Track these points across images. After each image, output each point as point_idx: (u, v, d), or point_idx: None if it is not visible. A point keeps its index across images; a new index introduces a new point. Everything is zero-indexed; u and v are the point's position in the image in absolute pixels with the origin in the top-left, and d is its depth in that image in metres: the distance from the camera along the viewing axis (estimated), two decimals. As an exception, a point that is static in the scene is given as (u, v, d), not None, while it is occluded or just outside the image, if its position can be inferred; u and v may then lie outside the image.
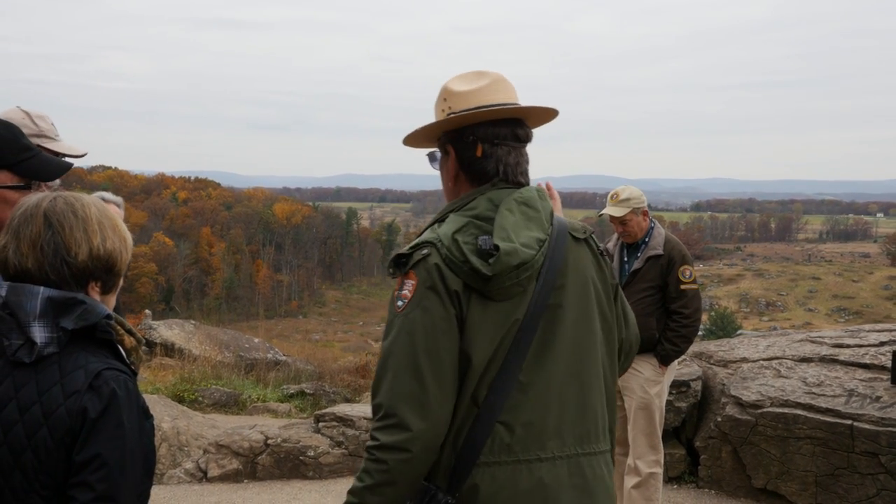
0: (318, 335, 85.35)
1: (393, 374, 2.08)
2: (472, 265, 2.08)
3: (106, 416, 1.83)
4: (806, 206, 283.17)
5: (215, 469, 7.70)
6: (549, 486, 2.13)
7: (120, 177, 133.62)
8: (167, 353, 14.90)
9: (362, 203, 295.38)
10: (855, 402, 6.33)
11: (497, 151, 2.30)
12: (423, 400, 2.05)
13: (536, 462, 2.13)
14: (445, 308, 2.09)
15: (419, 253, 2.15)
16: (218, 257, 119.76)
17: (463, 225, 2.18)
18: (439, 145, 2.42)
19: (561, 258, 2.23)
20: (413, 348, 2.07)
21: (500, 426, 2.11)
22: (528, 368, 2.15)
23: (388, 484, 2.05)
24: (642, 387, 5.46)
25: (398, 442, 2.03)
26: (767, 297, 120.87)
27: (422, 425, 2.04)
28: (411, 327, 2.09)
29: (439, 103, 2.37)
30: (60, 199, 1.97)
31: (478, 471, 2.10)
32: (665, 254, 5.47)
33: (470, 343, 2.10)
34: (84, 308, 1.90)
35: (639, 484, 5.46)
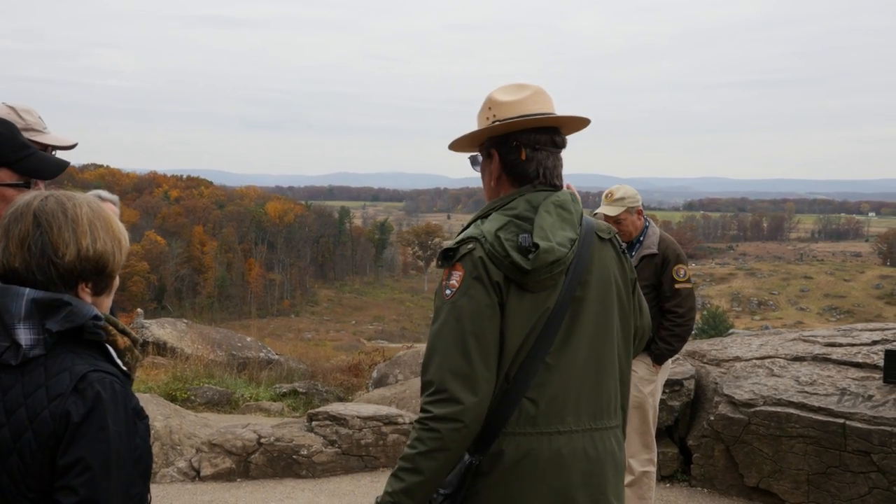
0: (311, 334, 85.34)
1: (443, 354, 2.35)
2: (513, 260, 2.35)
3: (90, 419, 1.81)
4: (798, 205, 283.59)
5: (208, 468, 7.69)
6: (565, 456, 2.41)
7: (112, 175, 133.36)
8: (159, 352, 14.89)
9: (355, 202, 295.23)
10: (847, 400, 6.34)
11: (538, 156, 2.58)
12: (471, 376, 2.32)
13: (556, 434, 2.42)
14: (489, 296, 2.37)
15: (465, 247, 2.43)
16: (210, 256, 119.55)
17: (504, 223, 2.45)
18: (482, 150, 2.69)
19: (587, 256, 2.52)
20: (461, 331, 2.35)
21: (526, 401, 2.40)
22: (554, 352, 2.43)
23: (441, 450, 2.31)
24: (636, 385, 5.46)
25: (450, 413, 2.30)
26: (759, 296, 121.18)
27: (471, 399, 2.31)
28: (459, 313, 2.36)
29: (484, 111, 2.63)
30: (52, 199, 1.95)
31: (504, 439, 2.39)
32: (659, 253, 5.48)
33: (506, 327, 2.39)
34: (70, 309, 1.87)
35: (632, 483, 5.46)
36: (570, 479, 2.42)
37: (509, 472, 2.39)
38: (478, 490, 2.42)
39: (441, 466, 2.35)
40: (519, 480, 2.39)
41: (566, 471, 2.42)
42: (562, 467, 2.41)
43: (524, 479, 2.40)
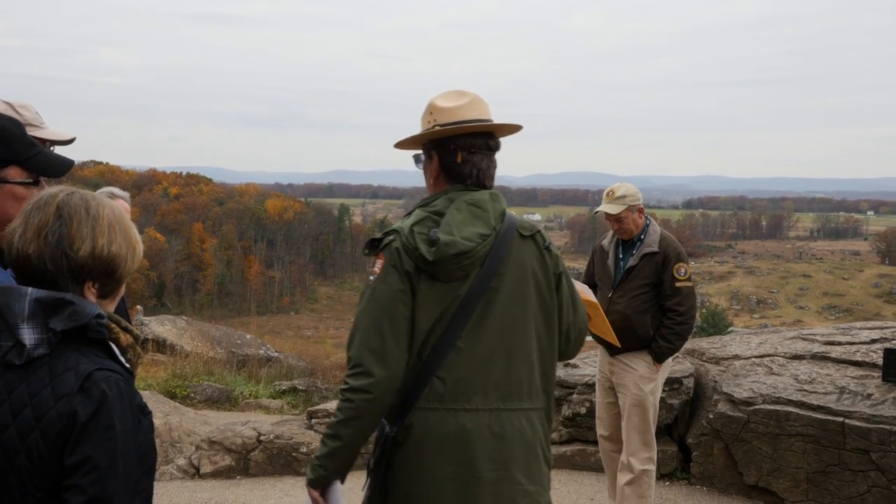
0: (310, 331, 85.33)
1: (361, 333, 2.64)
2: (420, 251, 2.63)
3: (96, 418, 1.81)
4: (797, 203, 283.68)
5: (208, 465, 7.70)
6: (470, 431, 2.66)
7: (111, 172, 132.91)
8: (159, 349, 14.89)
9: (354, 199, 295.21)
10: (846, 399, 6.35)
11: (473, 158, 2.82)
12: (383, 353, 2.60)
13: (462, 411, 2.67)
14: (402, 283, 2.65)
15: (388, 238, 2.72)
16: (210, 253, 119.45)
17: (422, 218, 2.74)
18: (424, 150, 2.93)
19: (504, 251, 2.75)
20: (377, 313, 2.64)
21: (436, 379, 2.67)
22: (465, 336, 2.69)
23: (355, 419, 2.61)
24: (636, 384, 5.47)
25: (363, 385, 2.59)
26: (758, 295, 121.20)
27: (382, 373, 2.59)
28: (377, 297, 2.65)
29: (426, 116, 2.87)
30: (77, 195, 1.96)
31: (415, 413, 2.66)
32: (660, 251, 5.47)
33: (417, 311, 2.66)
34: (73, 308, 1.87)
35: (632, 481, 5.47)
36: (474, 453, 2.66)
37: (419, 443, 2.66)
38: (395, 461, 2.68)
39: (356, 433, 2.64)
40: (427, 452, 2.65)
41: (471, 445, 2.65)
42: (466, 441, 2.65)
43: (432, 450, 2.65)
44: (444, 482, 2.65)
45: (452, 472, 2.65)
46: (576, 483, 7.20)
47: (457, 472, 2.65)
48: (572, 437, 7.86)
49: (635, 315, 5.44)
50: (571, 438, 7.87)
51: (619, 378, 5.56)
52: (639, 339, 5.46)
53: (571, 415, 7.78)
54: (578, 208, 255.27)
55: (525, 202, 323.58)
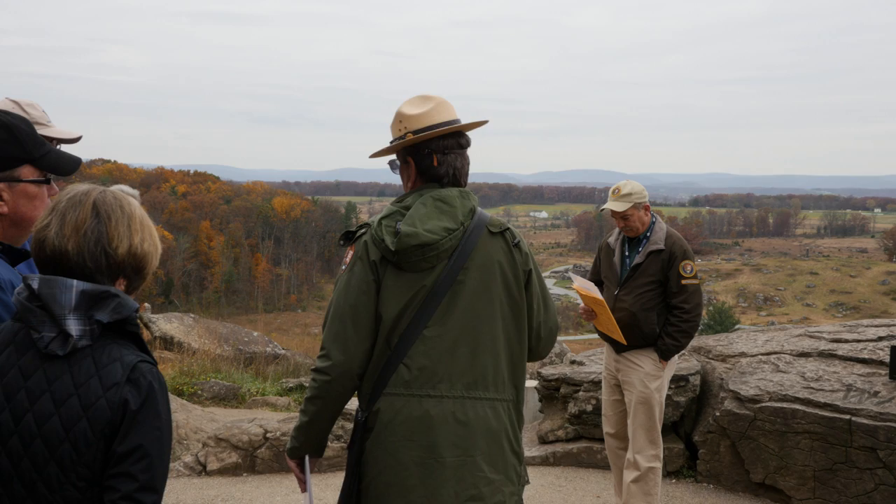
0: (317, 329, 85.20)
1: (329, 320, 2.83)
2: (385, 242, 2.77)
3: (145, 407, 1.89)
4: (804, 201, 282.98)
5: (214, 462, 7.72)
6: (434, 417, 2.78)
7: (119, 170, 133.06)
8: (166, 347, 14.88)
9: (361, 197, 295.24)
10: (853, 396, 6.34)
11: (447, 159, 2.94)
12: (343, 340, 2.78)
13: (427, 398, 2.79)
14: (367, 273, 2.80)
15: (360, 231, 2.89)
16: (217, 251, 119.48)
17: (391, 213, 2.88)
18: (399, 157, 3.05)
19: (472, 246, 2.87)
20: (342, 302, 2.81)
21: (402, 366, 2.79)
22: (431, 326, 2.81)
23: (317, 398, 2.83)
24: (642, 381, 5.47)
25: (323, 367, 2.79)
26: (765, 292, 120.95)
27: (340, 357, 2.77)
28: (344, 286, 2.83)
29: (395, 125, 2.98)
30: (109, 193, 2.02)
31: (383, 399, 2.80)
32: (666, 249, 5.47)
33: (383, 300, 2.80)
34: (118, 301, 1.94)
35: (638, 478, 5.47)
36: (437, 439, 2.77)
37: (386, 428, 2.78)
38: (366, 445, 2.82)
39: (319, 411, 2.85)
40: (393, 436, 2.77)
41: (434, 430, 2.77)
42: (430, 427, 2.77)
43: (397, 434, 2.77)
44: (409, 466, 2.76)
45: (417, 457, 2.77)
46: (582, 480, 7.20)
47: (421, 456, 2.77)
48: (579, 434, 7.86)
49: (641, 312, 5.44)
50: (578, 436, 7.87)
51: (626, 375, 5.56)
52: (645, 337, 5.47)
53: (578, 412, 7.78)
54: (585, 206, 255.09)
55: (532, 200, 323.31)
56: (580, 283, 5.50)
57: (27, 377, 1.89)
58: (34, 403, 1.87)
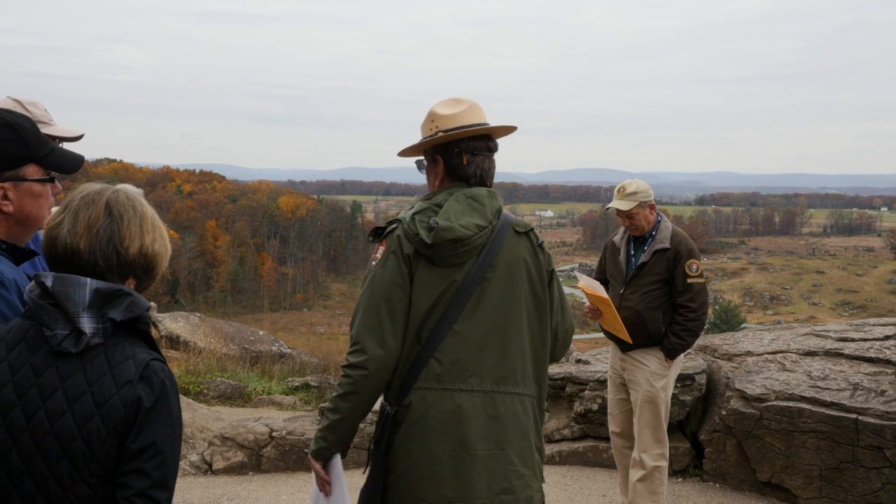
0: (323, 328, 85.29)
1: (361, 314, 2.83)
2: (420, 236, 2.80)
3: (159, 405, 1.90)
4: (810, 199, 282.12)
5: (220, 461, 7.72)
6: (465, 410, 2.81)
7: (125, 169, 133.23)
8: (172, 346, 14.89)
9: (367, 196, 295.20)
10: (860, 395, 6.33)
11: (476, 160, 3.00)
12: (380, 333, 2.78)
13: (458, 392, 2.82)
14: (400, 267, 2.82)
15: (390, 227, 2.91)
16: (223, 250, 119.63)
17: (423, 209, 2.91)
18: (427, 156, 3.10)
19: (500, 244, 2.93)
20: (376, 296, 2.81)
21: (433, 360, 2.82)
22: (462, 321, 2.85)
23: (353, 393, 2.80)
24: (648, 380, 5.46)
25: (359, 362, 2.78)
26: (771, 291, 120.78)
27: (378, 351, 2.77)
28: (377, 280, 2.83)
29: (427, 123, 3.03)
30: (122, 193, 2.03)
31: (414, 392, 2.82)
32: (672, 247, 5.46)
33: (415, 294, 2.82)
34: (131, 300, 1.95)
35: (643, 477, 5.46)
36: (469, 432, 2.81)
37: (417, 422, 2.80)
38: (395, 438, 2.83)
39: (353, 407, 2.82)
40: (425, 430, 2.79)
41: (466, 423, 2.81)
42: (462, 420, 2.80)
43: (429, 428, 2.79)
44: (442, 459, 2.79)
45: (449, 450, 2.79)
46: (588, 479, 7.19)
47: (453, 449, 2.79)
48: (584, 433, 7.86)
49: (647, 311, 5.44)
50: (584, 435, 7.86)
51: (631, 374, 5.55)
52: (650, 336, 5.46)
53: (583, 411, 7.78)
54: (591, 205, 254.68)
55: (537, 199, 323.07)
56: (586, 282, 5.49)
57: (39, 374, 1.90)
58: (47, 401, 1.87)
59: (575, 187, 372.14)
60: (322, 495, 2.99)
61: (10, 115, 2.37)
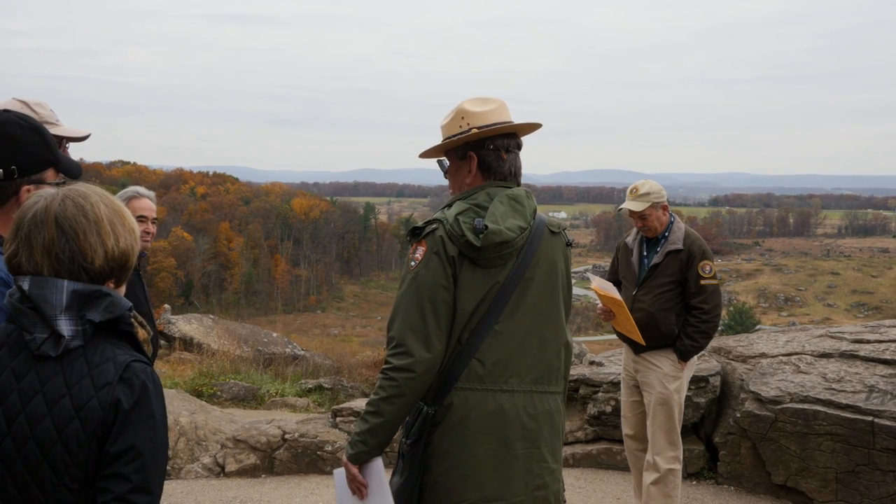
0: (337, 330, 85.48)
1: (404, 315, 2.79)
2: (467, 238, 2.78)
3: (138, 407, 1.87)
4: (824, 200, 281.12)
5: (233, 464, 7.72)
6: (507, 410, 2.85)
7: (139, 172, 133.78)
8: (186, 348, 14.94)
9: (380, 198, 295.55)
10: (876, 398, 6.28)
11: (510, 157, 3.03)
12: (425, 334, 2.76)
13: (500, 392, 2.85)
14: (445, 269, 2.80)
15: (430, 227, 2.87)
16: (236, 252, 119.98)
17: (465, 209, 2.89)
18: (455, 153, 3.07)
19: (537, 244, 2.96)
20: (420, 297, 2.78)
21: (475, 361, 2.82)
22: (502, 321, 2.86)
23: (398, 396, 2.76)
24: (661, 382, 5.44)
25: (406, 364, 2.74)
26: (786, 293, 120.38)
27: (425, 353, 2.75)
28: (420, 281, 2.80)
29: (456, 121, 3.02)
30: (69, 201, 1.96)
31: (455, 393, 2.82)
32: (685, 249, 5.44)
33: (459, 296, 2.82)
34: (110, 301, 1.92)
35: (657, 480, 5.43)
36: (510, 431, 2.85)
37: (459, 422, 2.81)
38: (434, 438, 2.83)
39: (398, 410, 2.79)
40: (468, 430, 2.81)
41: (507, 423, 2.84)
42: (504, 420, 2.84)
43: (472, 429, 2.81)
44: (483, 459, 2.82)
45: (491, 450, 2.82)
46: (602, 482, 7.16)
47: (495, 449, 2.83)
48: (598, 435, 7.83)
49: (659, 313, 5.41)
50: (597, 437, 7.83)
51: (644, 376, 5.53)
52: (663, 337, 5.43)
53: (597, 413, 7.75)
54: (604, 206, 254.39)
55: (551, 200, 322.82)
56: (598, 284, 5.47)
57: (20, 379, 1.88)
58: (26, 405, 1.86)
59: (588, 188, 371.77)
60: (355, 499, 2.95)
61: (33, 119, 2.40)
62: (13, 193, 2.34)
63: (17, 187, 2.33)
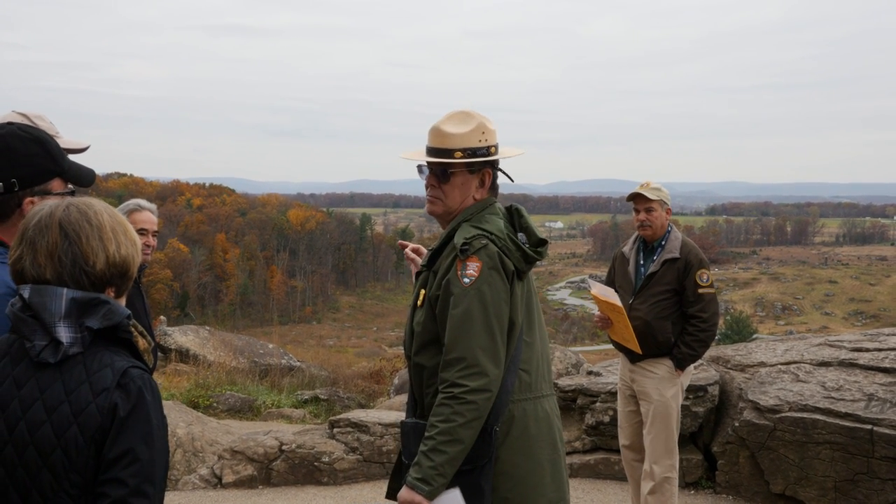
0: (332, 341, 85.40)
1: (473, 334, 2.76)
2: (525, 252, 2.88)
3: (135, 412, 1.89)
4: (822, 209, 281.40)
5: (230, 475, 7.70)
6: (549, 414, 2.99)
7: (135, 183, 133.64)
8: (182, 359, 14.91)
9: (376, 208, 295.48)
10: (875, 406, 6.27)
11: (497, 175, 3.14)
12: (495, 352, 2.77)
13: (542, 398, 2.97)
14: (504, 284, 2.83)
15: (479, 242, 2.84)
16: (232, 263, 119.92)
17: (503, 224, 2.95)
18: (467, 166, 3.01)
19: None
20: (486, 314, 2.77)
21: (521, 372, 2.90)
22: (527, 331, 2.96)
23: (478, 419, 2.73)
24: (658, 390, 5.43)
25: (482, 385, 2.72)
26: (784, 301, 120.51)
27: (496, 371, 2.77)
28: (482, 298, 2.78)
29: (475, 134, 2.99)
30: (73, 208, 2.00)
31: (514, 405, 2.86)
32: (682, 257, 5.44)
33: (514, 311, 2.87)
34: (108, 308, 1.95)
35: (654, 489, 5.42)
36: (555, 433, 3.00)
37: (522, 433, 2.87)
38: (499, 454, 2.83)
39: (475, 433, 2.74)
40: (531, 439, 2.88)
41: (552, 426, 2.99)
42: (550, 424, 2.98)
43: (532, 437, 2.89)
44: (544, 464, 2.91)
45: (548, 454, 2.94)
46: (599, 492, 7.14)
47: (550, 453, 2.95)
48: (596, 445, 7.81)
49: (656, 321, 5.41)
50: (595, 447, 7.81)
51: (641, 385, 5.52)
52: (659, 346, 5.42)
53: (595, 423, 7.73)
54: (600, 215, 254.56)
55: (547, 210, 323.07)
56: (598, 290, 5.46)
57: (20, 386, 1.91)
58: (27, 412, 1.88)
59: (585, 198, 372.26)
60: None
61: (35, 130, 2.40)
62: (16, 206, 2.36)
63: (20, 200, 2.35)
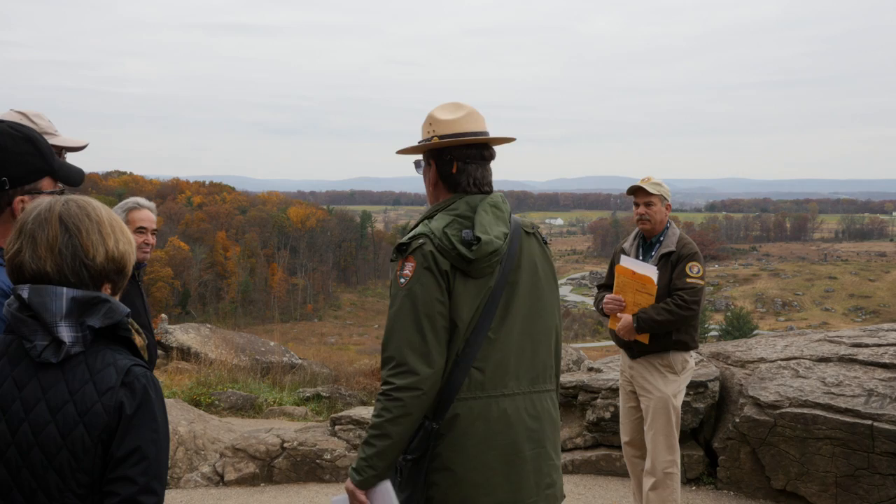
0: (334, 338, 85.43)
1: (400, 333, 2.77)
2: (459, 251, 2.80)
3: (141, 410, 1.89)
4: (821, 205, 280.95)
5: (232, 473, 7.71)
6: (510, 414, 2.88)
7: (135, 182, 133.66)
8: (183, 358, 14.93)
9: (377, 206, 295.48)
10: (875, 401, 6.28)
11: (468, 168, 3.01)
12: (426, 351, 2.74)
13: (501, 397, 2.87)
14: (438, 283, 2.79)
15: (416, 242, 2.85)
16: (233, 261, 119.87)
17: (449, 221, 2.89)
18: (424, 158, 3.12)
19: (517, 247, 2.99)
20: (416, 313, 2.76)
21: (474, 370, 2.83)
22: (494, 327, 2.88)
23: (405, 416, 2.72)
24: (657, 386, 5.43)
25: (410, 383, 2.71)
26: (784, 297, 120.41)
27: (426, 370, 2.73)
28: (413, 298, 2.78)
29: (425, 126, 3.07)
30: (72, 203, 2.01)
31: (458, 404, 2.81)
32: (676, 251, 5.45)
33: (456, 309, 2.82)
34: (108, 307, 1.94)
35: (655, 485, 5.42)
36: (516, 434, 2.88)
37: (465, 432, 2.81)
38: (439, 451, 2.82)
39: (405, 430, 2.75)
40: (475, 438, 2.81)
41: (513, 427, 2.87)
42: (509, 424, 2.86)
43: (479, 436, 2.82)
44: (494, 465, 2.84)
45: (500, 455, 2.84)
46: (601, 488, 7.15)
47: (504, 454, 2.85)
48: (597, 441, 7.82)
49: (655, 318, 5.40)
50: (596, 443, 7.82)
51: (641, 381, 5.52)
52: (658, 342, 5.42)
53: (596, 419, 7.74)
54: (600, 212, 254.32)
55: (547, 207, 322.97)
56: (629, 263, 5.45)
57: (22, 387, 1.90)
58: (30, 413, 1.87)
59: (585, 195, 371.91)
60: None
61: (26, 128, 2.40)
62: (6, 204, 2.35)
63: (10, 198, 2.34)
